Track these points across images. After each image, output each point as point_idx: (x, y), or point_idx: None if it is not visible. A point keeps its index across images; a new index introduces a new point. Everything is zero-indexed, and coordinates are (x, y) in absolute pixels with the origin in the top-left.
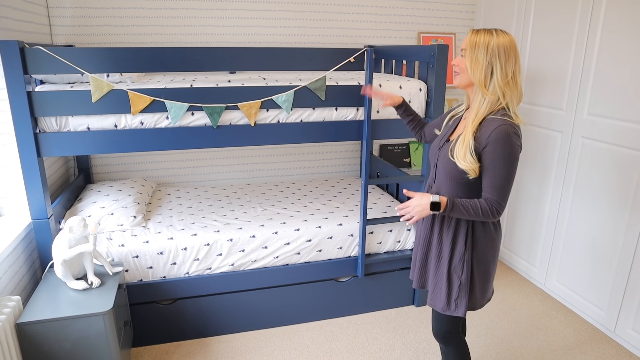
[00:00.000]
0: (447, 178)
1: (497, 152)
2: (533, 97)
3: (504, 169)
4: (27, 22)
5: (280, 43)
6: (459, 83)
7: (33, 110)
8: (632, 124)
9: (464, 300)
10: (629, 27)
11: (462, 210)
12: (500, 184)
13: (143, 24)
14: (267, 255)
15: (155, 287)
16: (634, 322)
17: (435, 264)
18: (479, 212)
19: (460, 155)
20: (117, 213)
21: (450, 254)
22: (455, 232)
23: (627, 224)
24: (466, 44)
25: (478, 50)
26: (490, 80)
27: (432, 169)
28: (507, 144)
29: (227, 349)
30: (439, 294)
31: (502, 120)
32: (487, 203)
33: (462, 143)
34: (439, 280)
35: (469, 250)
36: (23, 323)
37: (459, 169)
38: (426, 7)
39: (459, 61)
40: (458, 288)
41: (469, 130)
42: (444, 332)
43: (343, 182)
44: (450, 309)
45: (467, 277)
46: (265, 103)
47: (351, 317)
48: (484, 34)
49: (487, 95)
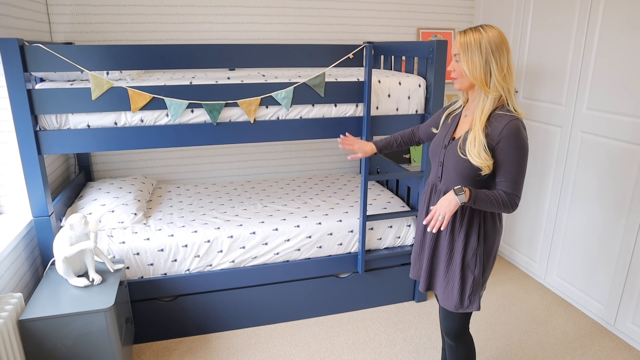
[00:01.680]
0: (457, 176)
1: (511, 147)
2: (533, 92)
3: (518, 163)
4: (26, 20)
5: (280, 40)
6: (460, 87)
7: (33, 108)
8: (631, 118)
9: (477, 295)
10: (627, 22)
11: (485, 199)
12: (516, 177)
13: (142, 21)
14: (268, 251)
15: (156, 284)
16: (634, 315)
17: (445, 263)
18: (500, 202)
19: (474, 153)
20: (118, 210)
21: (464, 250)
22: (469, 227)
23: (626, 218)
24: (457, 47)
25: (472, 51)
26: (490, 78)
27: (437, 167)
28: (519, 138)
29: (228, 345)
30: (451, 292)
31: (510, 116)
32: (506, 195)
33: (474, 141)
34: (450, 279)
35: (481, 245)
36: (25, 320)
37: (472, 166)
38: (425, 2)
39: (454, 66)
40: (472, 283)
41: (478, 128)
42: (456, 330)
43: (343, 179)
44: (464, 306)
45: (479, 271)
46: (265, 100)
47: (352, 313)
48: (473, 33)
49: (490, 93)
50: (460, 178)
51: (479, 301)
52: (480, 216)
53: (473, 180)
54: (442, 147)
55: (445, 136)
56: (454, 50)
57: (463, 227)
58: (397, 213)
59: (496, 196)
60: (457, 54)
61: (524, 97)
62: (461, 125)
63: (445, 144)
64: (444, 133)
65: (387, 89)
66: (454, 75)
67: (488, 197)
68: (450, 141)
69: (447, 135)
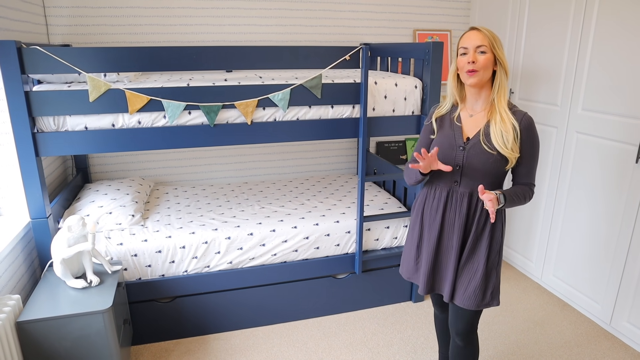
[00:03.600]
0: (482, 174)
1: (532, 139)
2: (528, 93)
3: (537, 154)
4: (24, 22)
5: (277, 41)
6: (479, 80)
7: (31, 110)
8: (625, 119)
9: (498, 290)
10: (621, 24)
11: (514, 198)
12: (535, 169)
13: (140, 23)
14: (265, 252)
15: (154, 285)
16: (630, 314)
17: (465, 263)
18: (525, 198)
19: (509, 144)
20: (116, 212)
21: (489, 248)
22: (494, 225)
23: (621, 217)
24: (484, 39)
25: (497, 42)
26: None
27: (453, 170)
28: (535, 130)
29: (226, 346)
30: (472, 292)
31: (520, 110)
32: (529, 188)
33: (505, 132)
34: (472, 278)
35: (502, 242)
36: (23, 322)
37: (498, 162)
38: (422, 4)
39: (478, 58)
40: (495, 279)
41: (508, 120)
42: (469, 330)
43: (340, 180)
44: (485, 301)
45: (500, 266)
46: (262, 101)
47: (349, 314)
48: (485, 29)
49: (506, 81)
50: (486, 176)
51: (499, 295)
52: (503, 215)
53: (497, 176)
54: (456, 150)
55: (456, 138)
56: (478, 42)
57: (487, 226)
58: (394, 214)
59: (521, 192)
60: (483, 45)
61: (520, 98)
62: (468, 125)
63: (462, 146)
64: (451, 136)
65: (384, 91)
66: (476, 67)
67: (516, 195)
68: (468, 142)
69: (456, 137)
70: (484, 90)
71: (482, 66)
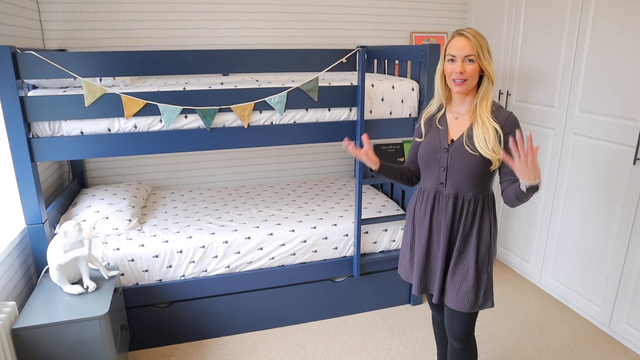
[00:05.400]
0: (468, 176)
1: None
2: (525, 95)
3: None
4: (19, 27)
5: (273, 45)
6: (467, 88)
7: (26, 115)
8: (622, 120)
9: (491, 291)
10: (617, 26)
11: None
12: None
13: (135, 27)
14: (263, 256)
15: (151, 290)
16: (628, 316)
17: (453, 265)
18: (520, 196)
19: (489, 146)
20: (112, 217)
21: (477, 249)
22: (480, 226)
23: (619, 219)
24: (472, 49)
25: (485, 50)
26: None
27: (437, 172)
28: (520, 129)
29: (224, 350)
30: (465, 293)
31: (505, 110)
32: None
33: (486, 135)
34: (463, 280)
35: (492, 242)
36: (19, 328)
37: (482, 163)
38: (418, 7)
39: (466, 67)
40: (487, 281)
41: (488, 123)
42: (466, 333)
43: (337, 183)
44: (479, 303)
45: (491, 268)
46: (259, 105)
47: (347, 317)
48: (474, 34)
49: (491, 88)
50: (470, 177)
51: (492, 297)
52: (490, 215)
53: (482, 177)
54: (441, 152)
55: (440, 141)
56: (466, 52)
57: (475, 226)
58: (391, 217)
59: (517, 191)
60: (471, 54)
61: (517, 100)
62: (453, 127)
63: (446, 148)
64: (437, 138)
65: (381, 93)
66: (465, 76)
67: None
68: (452, 144)
69: (441, 139)
70: (469, 95)
71: (470, 76)
